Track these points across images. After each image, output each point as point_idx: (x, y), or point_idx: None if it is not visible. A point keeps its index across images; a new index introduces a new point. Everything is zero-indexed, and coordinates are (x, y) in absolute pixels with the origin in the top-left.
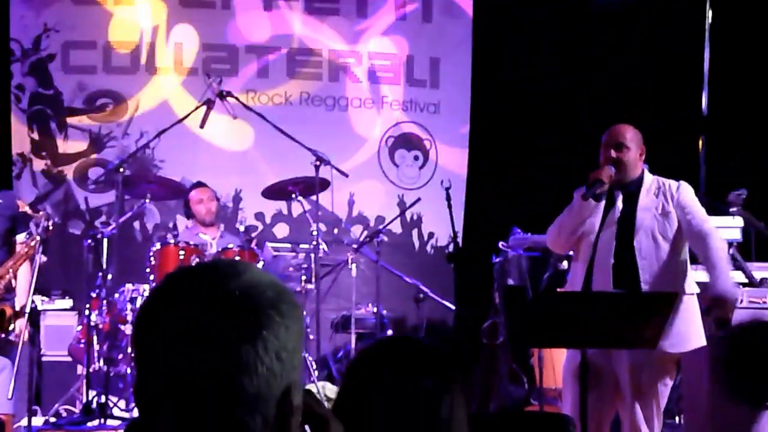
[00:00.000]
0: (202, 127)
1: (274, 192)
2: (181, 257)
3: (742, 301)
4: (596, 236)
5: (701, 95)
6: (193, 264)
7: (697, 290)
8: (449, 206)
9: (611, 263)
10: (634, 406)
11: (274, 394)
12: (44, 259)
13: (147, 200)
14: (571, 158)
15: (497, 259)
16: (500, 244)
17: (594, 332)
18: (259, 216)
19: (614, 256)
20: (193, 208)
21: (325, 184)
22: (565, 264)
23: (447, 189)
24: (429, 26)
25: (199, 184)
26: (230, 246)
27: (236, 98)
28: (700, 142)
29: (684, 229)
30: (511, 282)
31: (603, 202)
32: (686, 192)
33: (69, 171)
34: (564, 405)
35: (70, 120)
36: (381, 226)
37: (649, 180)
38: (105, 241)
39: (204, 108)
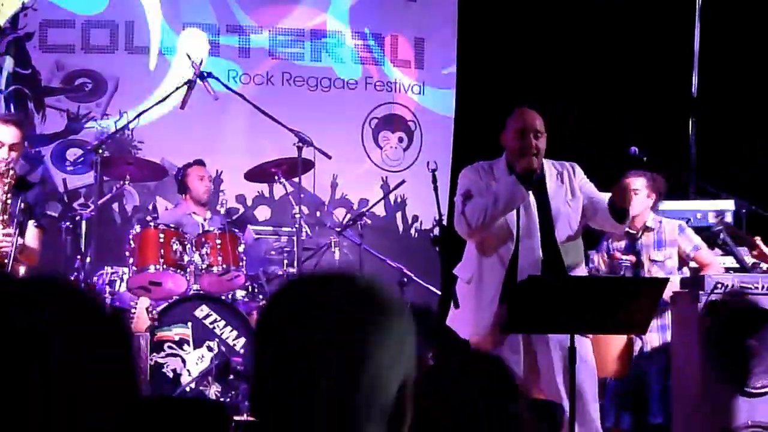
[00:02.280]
0: (182, 108)
1: (256, 174)
2: (161, 240)
3: (732, 287)
4: (516, 228)
5: (691, 76)
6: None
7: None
8: (435, 189)
9: (539, 256)
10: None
11: (393, 385)
12: (21, 241)
13: (126, 182)
14: (558, 134)
15: None
16: None
17: (582, 318)
18: (240, 198)
19: (542, 248)
20: (192, 184)
21: (308, 165)
22: None
23: (433, 171)
24: (413, 5)
25: (199, 162)
26: (211, 229)
27: (217, 79)
28: (690, 123)
29: (588, 207)
30: None
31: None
32: (580, 170)
33: (47, 152)
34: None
35: (47, 100)
36: (364, 209)
37: (548, 166)
38: (83, 223)
39: (185, 88)
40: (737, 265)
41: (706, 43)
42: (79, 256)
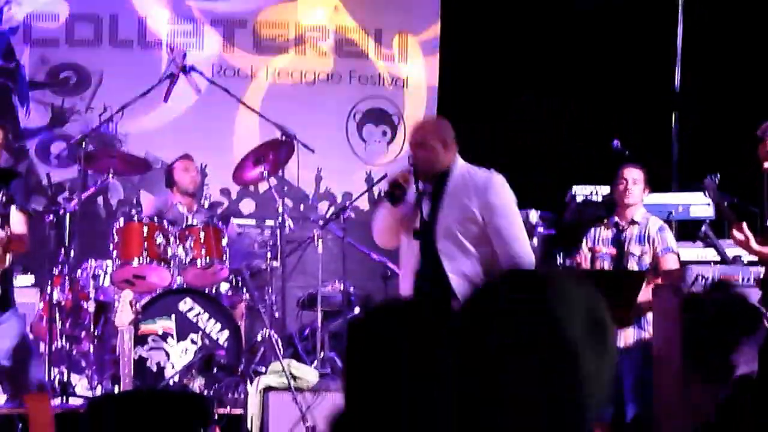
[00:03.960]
0: (165, 101)
1: (243, 176)
2: (145, 233)
3: (712, 280)
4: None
5: (674, 72)
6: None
7: None
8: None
9: (417, 270)
10: None
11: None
12: (1, 234)
13: (110, 176)
14: (549, 126)
15: None
16: None
17: None
18: (225, 192)
19: (420, 263)
20: (177, 175)
21: (290, 153)
22: (535, 241)
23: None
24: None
25: (185, 156)
26: (195, 222)
27: (200, 73)
28: (673, 119)
29: (489, 235)
30: None
31: (424, 204)
32: (495, 191)
33: (31, 146)
34: None
35: (32, 94)
36: (348, 203)
37: (457, 175)
38: (67, 216)
39: (168, 82)
40: (718, 258)
41: (688, 38)
42: (62, 250)
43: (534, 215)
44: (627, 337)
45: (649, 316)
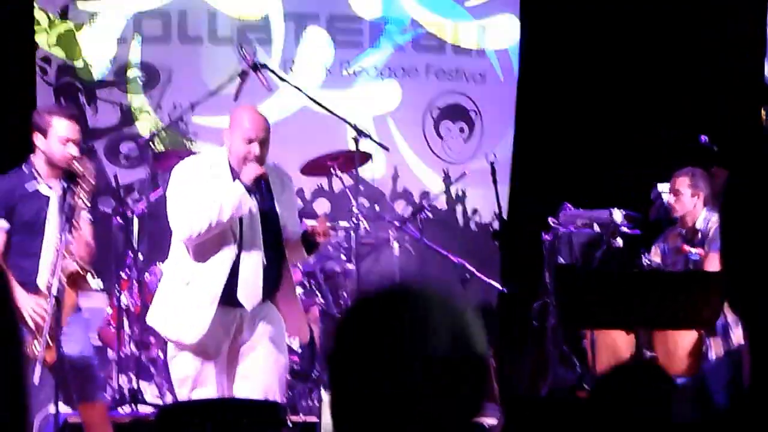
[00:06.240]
0: (235, 100)
1: (312, 168)
2: None
3: None
4: (240, 235)
5: (763, 64)
6: None
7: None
8: (494, 181)
9: (263, 263)
10: None
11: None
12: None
13: None
14: (624, 130)
15: (547, 237)
16: (550, 220)
17: (649, 313)
18: (299, 191)
19: (265, 256)
20: None
21: (365, 158)
22: (619, 241)
23: (492, 163)
24: None
25: None
26: None
27: (271, 70)
28: (763, 113)
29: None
30: (561, 260)
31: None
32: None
33: (99, 146)
34: None
35: (99, 93)
36: (425, 202)
37: (272, 171)
38: (135, 219)
39: (238, 80)
40: None
41: None
42: (131, 253)
43: (618, 214)
44: (716, 347)
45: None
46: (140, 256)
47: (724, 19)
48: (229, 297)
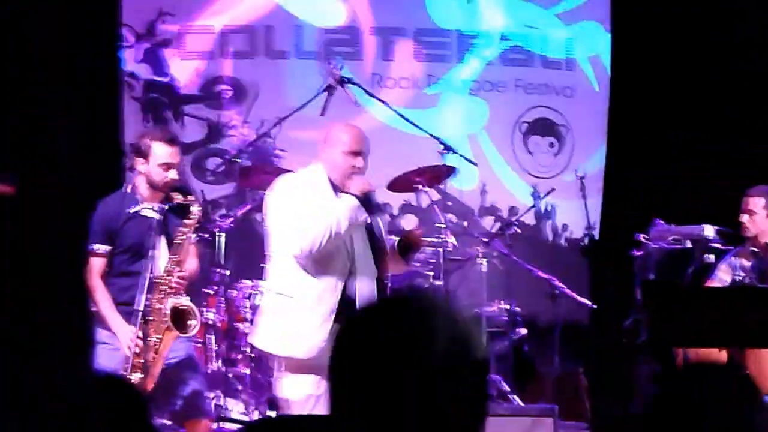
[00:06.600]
0: (322, 114)
1: (398, 185)
2: None
3: None
4: (352, 250)
5: None
6: None
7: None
8: (584, 196)
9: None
10: None
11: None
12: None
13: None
14: (715, 144)
15: (637, 253)
16: (640, 236)
17: (743, 330)
18: (386, 207)
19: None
20: None
21: (450, 171)
22: (712, 257)
23: (581, 178)
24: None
25: None
26: None
27: (358, 85)
28: None
29: None
30: (652, 276)
31: None
32: None
33: (186, 162)
34: None
35: (186, 108)
36: (514, 218)
37: None
38: (222, 235)
39: (325, 95)
40: None
41: None
42: (217, 269)
43: (710, 230)
44: None
45: None
46: (228, 272)
47: None
48: (347, 311)
